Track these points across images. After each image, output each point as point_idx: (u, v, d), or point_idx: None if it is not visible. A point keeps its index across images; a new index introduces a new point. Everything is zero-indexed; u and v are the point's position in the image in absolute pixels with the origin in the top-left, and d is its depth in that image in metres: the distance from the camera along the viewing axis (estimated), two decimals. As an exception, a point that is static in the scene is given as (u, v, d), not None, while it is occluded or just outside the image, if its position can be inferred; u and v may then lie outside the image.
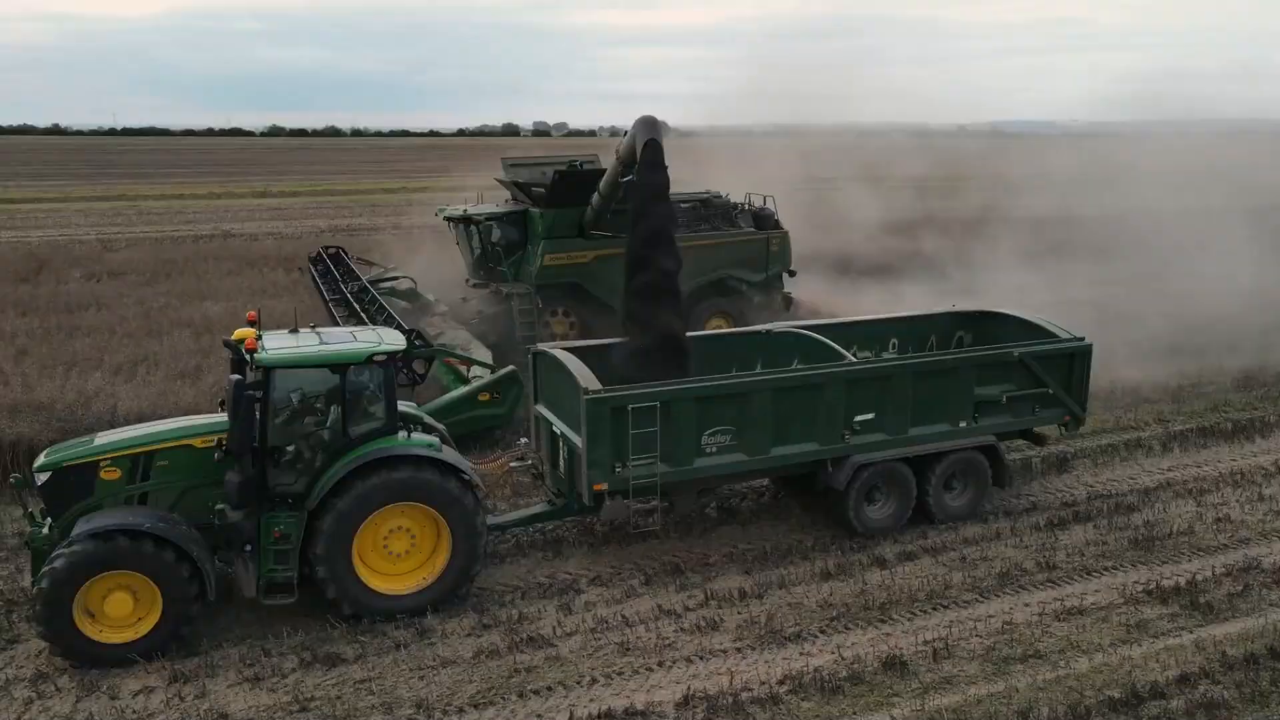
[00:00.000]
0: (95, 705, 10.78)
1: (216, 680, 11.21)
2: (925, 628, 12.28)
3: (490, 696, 10.92)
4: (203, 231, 47.98)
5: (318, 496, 11.94)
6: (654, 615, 12.62)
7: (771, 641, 12.00)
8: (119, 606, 11.32)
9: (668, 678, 11.27)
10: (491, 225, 24.71)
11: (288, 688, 11.03)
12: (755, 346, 16.52)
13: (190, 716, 10.57)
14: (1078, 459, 18.03)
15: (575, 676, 11.27)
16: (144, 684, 11.12)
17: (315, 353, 12.21)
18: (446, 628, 12.30)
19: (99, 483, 11.96)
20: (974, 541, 14.70)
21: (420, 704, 10.76)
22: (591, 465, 13.32)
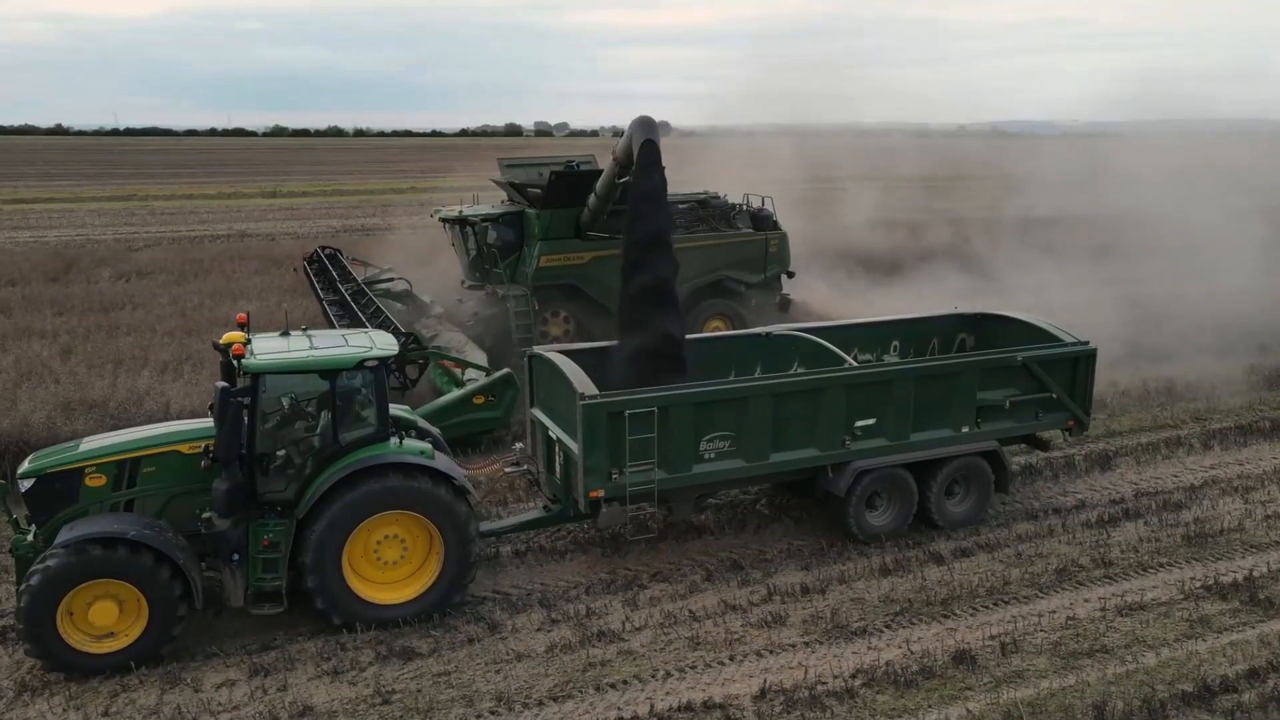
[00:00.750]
0: (180, 697, 10.87)
1: (296, 673, 11.31)
2: (989, 623, 12.43)
3: (567, 690, 11.02)
4: (218, 232, 48.02)
5: (307, 504, 11.69)
6: (719, 610, 12.75)
7: (838, 636, 12.15)
8: (104, 615, 11.06)
9: (740, 671, 11.38)
10: (487, 226, 24.48)
11: (367, 681, 11.14)
12: (754, 349, 16.30)
13: (275, 709, 10.63)
14: (1119, 456, 18.16)
15: (649, 670, 11.39)
16: (225, 677, 11.23)
17: (304, 358, 11.93)
18: (516, 622, 12.45)
19: (84, 489, 11.70)
20: (1027, 538, 14.81)
21: (500, 697, 10.88)
22: (588, 472, 13.08)
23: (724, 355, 16.11)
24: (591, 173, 23.75)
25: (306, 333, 13.02)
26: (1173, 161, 34.21)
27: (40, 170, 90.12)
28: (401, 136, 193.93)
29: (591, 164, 25.67)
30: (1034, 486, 16.89)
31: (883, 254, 34.60)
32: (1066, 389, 15.55)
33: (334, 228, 48.08)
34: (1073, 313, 23.45)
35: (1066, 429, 16.00)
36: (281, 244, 41.56)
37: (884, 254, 34.62)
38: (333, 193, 70.69)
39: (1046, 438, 16.37)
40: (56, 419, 17.57)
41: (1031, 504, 16.13)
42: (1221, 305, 25.85)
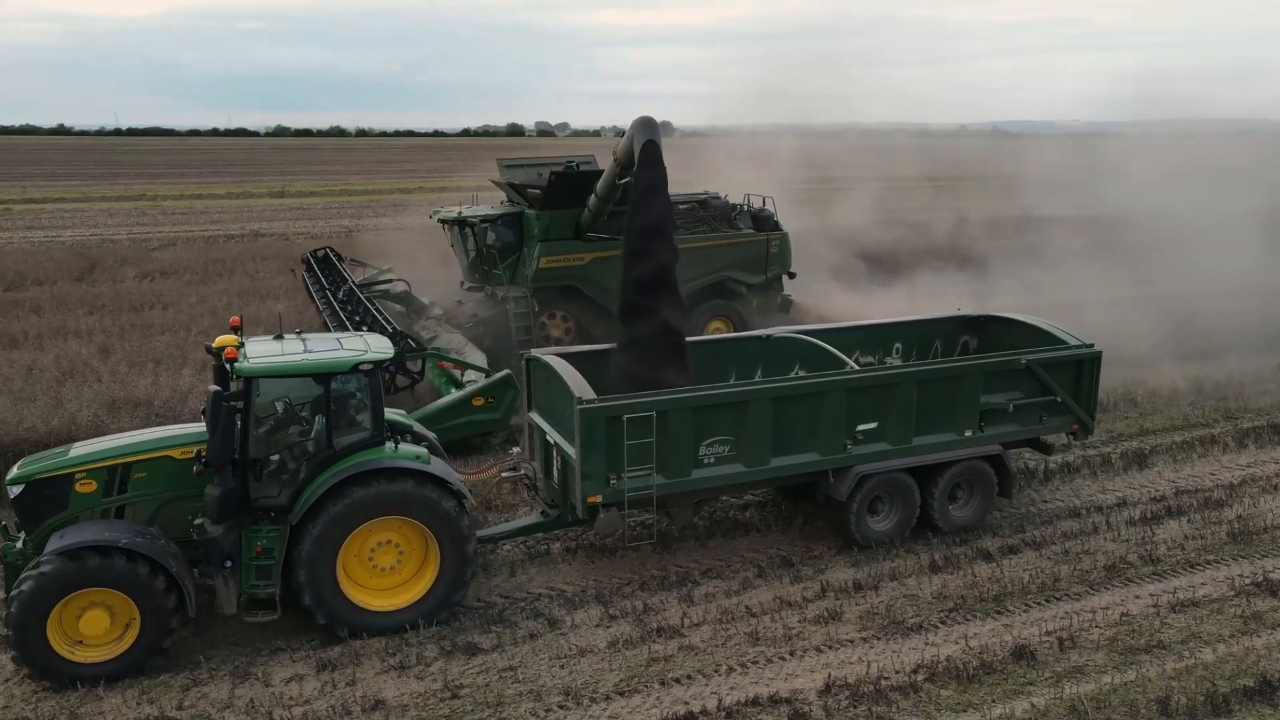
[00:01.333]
0: (251, 691, 10.96)
1: (363, 668, 11.38)
2: (1043, 619, 12.47)
3: (633, 685, 11.09)
4: (232, 231, 48.04)
5: (301, 510, 11.52)
6: (775, 606, 12.84)
7: (895, 632, 12.23)
8: (95, 625, 10.89)
9: (801, 666, 11.48)
10: (487, 228, 24.32)
11: (434, 675, 11.22)
12: (755, 351, 16.12)
13: (347, 703, 10.71)
14: (1155, 455, 18.27)
15: (712, 665, 11.45)
16: (294, 672, 11.33)
17: (298, 362, 11.76)
18: (575, 618, 12.54)
19: (74, 495, 11.55)
20: (1073, 535, 14.89)
21: (567, 691, 10.96)
22: (586, 477, 12.90)
23: (724, 358, 15.92)
24: (591, 173, 23.60)
25: (301, 336, 12.85)
26: (1178, 161, 34.13)
27: (46, 170, 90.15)
28: (404, 136, 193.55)
29: (591, 164, 25.51)
30: (1074, 484, 16.98)
31: (895, 254, 34.59)
32: (1071, 392, 15.35)
33: (346, 227, 48.05)
34: (1091, 312, 24.26)
35: (1071, 433, 15.80)
36: (297, 244, 41.43)
37: (896, 254, 34.60)
38: (340, 192, 70.64)
39: (1050, 442, 16.18)
40: (103, 417, 17.72)
41: (1073, 502, 16.22)
42: (1242, 303, 26.01)
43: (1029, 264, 31.40)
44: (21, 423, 17.42)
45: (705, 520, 15.34)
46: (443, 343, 21.95)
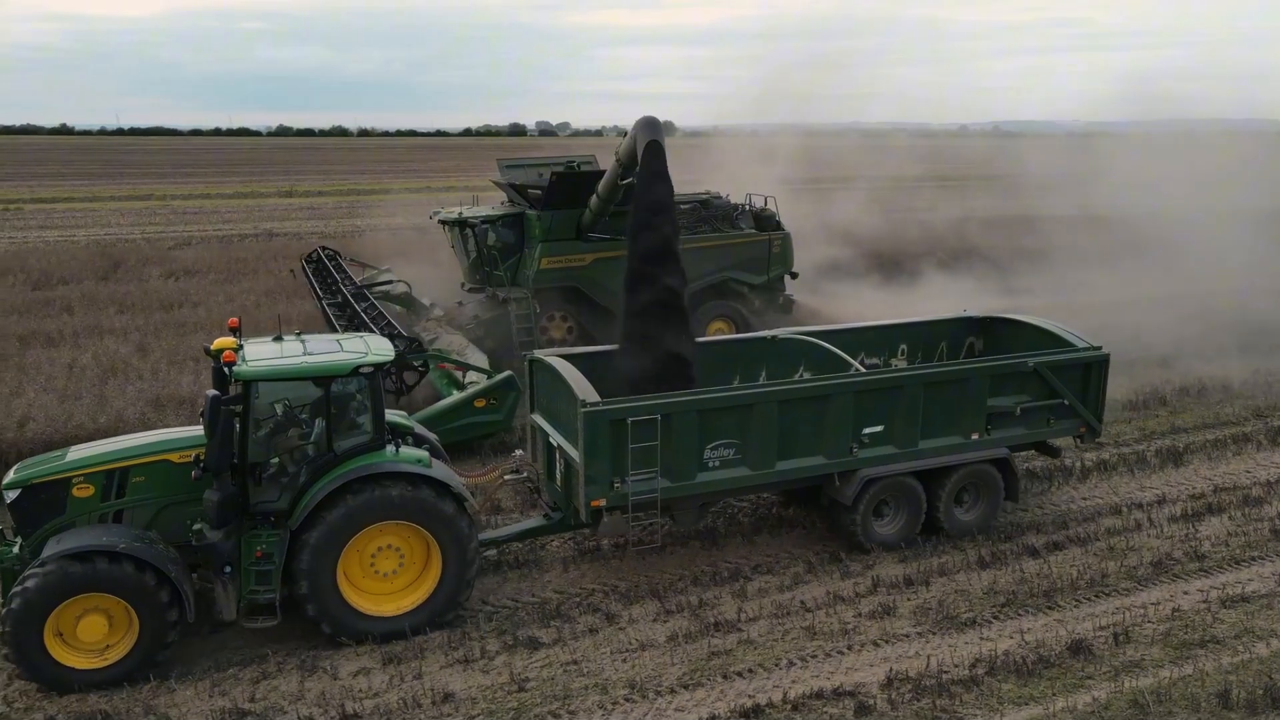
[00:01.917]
0: (320, 684, 11.07)
1: (428, 662, 11.48)
2: (1095, 614, 12.55)
3: (696, 678, 11.15)
4: (245, 231, 47.98)
5: (301, 515, 11.37)
6: (828, 601, 12.92)
7: (950, 626, 12.30)
8: (93, 630, 10.77)
9: (860, 660, 11.57)
10: (487, 229, 24.17)
11: (499, 669, 11.33)
12: (759, 353, 15.97)
13: (416, 695, 10.78)
14: (1189, 453, 18.35)
15: (772, 659, 11.52)
16: (360, 665, 11.43)
17: (297, 365, 11.61)
18: (632, 613, 12.64)
19: (71, 500, 11.40)
20: (1116, 532, 14.96)
21: (632, 684, 11.02)
22: (589, 480, 12.75)
23: (728, 359, 15.78)
24: (592, 174, 23.46)
25: (300, 337, 12.70)
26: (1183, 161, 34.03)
27: (51, 170, 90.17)
28: (406, 136, 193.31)
29: (592, 164, 25.38)
30: (1111, 482, 17.09)
31: (903, 254, 34.56)
32: (1079, 395, 15.21)
33: (358, 227, 47.95)
34: (1113, 312, 24.70)
35: (1078, 436, 15.65)
36: (310, 243, 40.83)
37: (904, 254, 34.57)
38: (349, 192, 70.52)
39: (1057, 445, 16.03)
40: (149, 414, 17.86)
41: (1112, 499, 16.31)
42: (1263, 301, 26.15)
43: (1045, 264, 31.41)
44: (70, 419, 17.59)
45: (750, 517, 15.43)
46: (444, 344, 21.81)
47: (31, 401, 18.62)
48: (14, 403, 18.62)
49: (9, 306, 27.96)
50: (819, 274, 29.65)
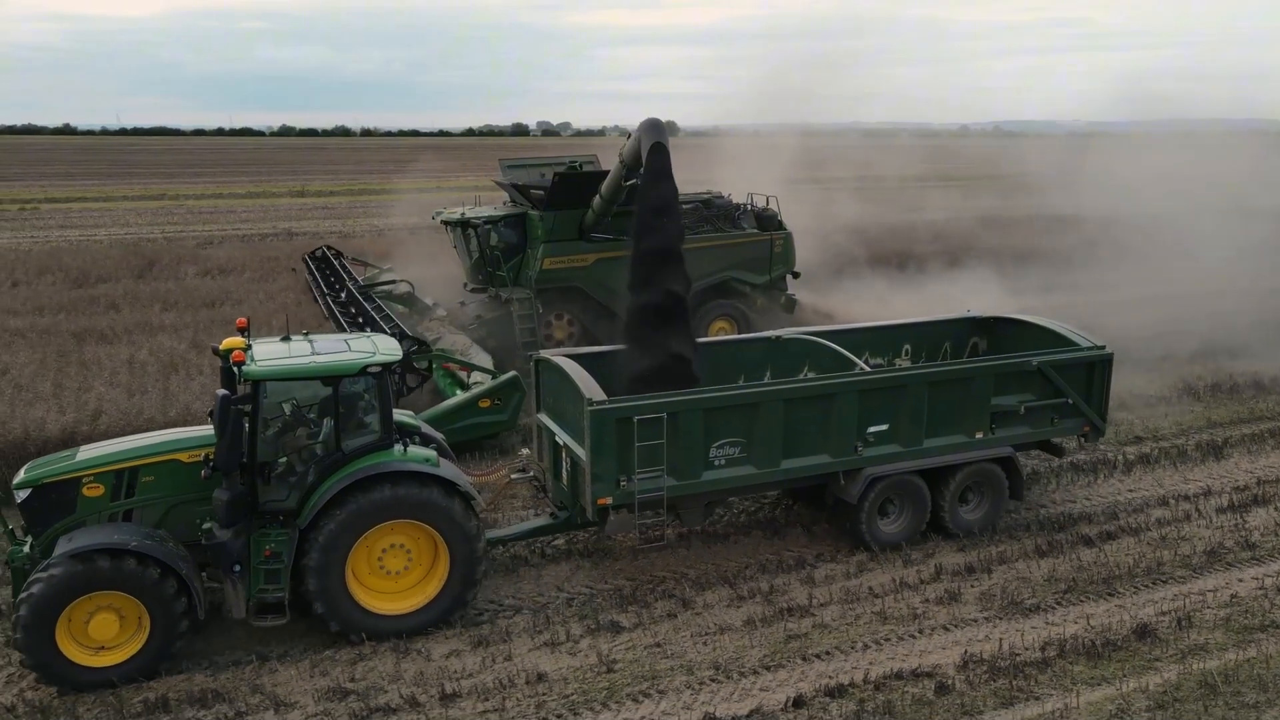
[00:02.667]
0: (415, 665, 11.41)
1: (515, 644, 11.88)
2: (1154, 600, 12.92)
3: (777, 660, 11.51)
4: (264, 230, 48.17)
5: (310, 514, 11.42)
6: (895, 588, 13.27)
7: (1015, 612, 12.66)
8: (104, 628, 10.81)
9: (933, 643, 11.90)
10: (490, 229, 24.22)
11: (585, 651, 11.71)
12: (764, 353, 16.02)
13: (511, 675, 11.16)
14: (1229, 447, 18.70)
15: (848, 642, 11.89)
16: (451, 648, 11.78)
17: (306, 364, 11.64)
18: (705, 598, 13.00)
19: (81, 499, 11.44)
20: (1166, 523, 15.34)
21: (716, 665, 11.37)
22: (595, 479, 12.81)
23: (733, 359, 15.83)
24: (595, 174, 23.51)
25: (308, 337, 12.73)
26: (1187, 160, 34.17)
27: (59, 170, 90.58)
28: (409, 136, 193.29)
29: (594, 165, 25.43)
30: (1155, 474, 17.46)
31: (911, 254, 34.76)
32: (1083, 394, 15.26)
33: (376, 226, 48.08)
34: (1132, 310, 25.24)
35: (1082, 435, 15.71)
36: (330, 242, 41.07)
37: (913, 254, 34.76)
38: (359, 192, 70.64)
39: (1061, 444, 16.10)
40: None
41: (1158, 491, 16.69)
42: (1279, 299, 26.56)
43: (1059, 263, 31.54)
44: (140, 413, 17.79)
45: (809, 508, 15.58)
46: (447, 344, 21.87)
47: (101, 396, 18.96)
48: (83, 396, 19.00)
49: (56, 304, 28.49)
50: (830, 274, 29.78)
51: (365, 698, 10.75)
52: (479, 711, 10.56)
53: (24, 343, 23.64)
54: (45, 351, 22.70)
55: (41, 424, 17.19)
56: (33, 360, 21.80)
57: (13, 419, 17.39)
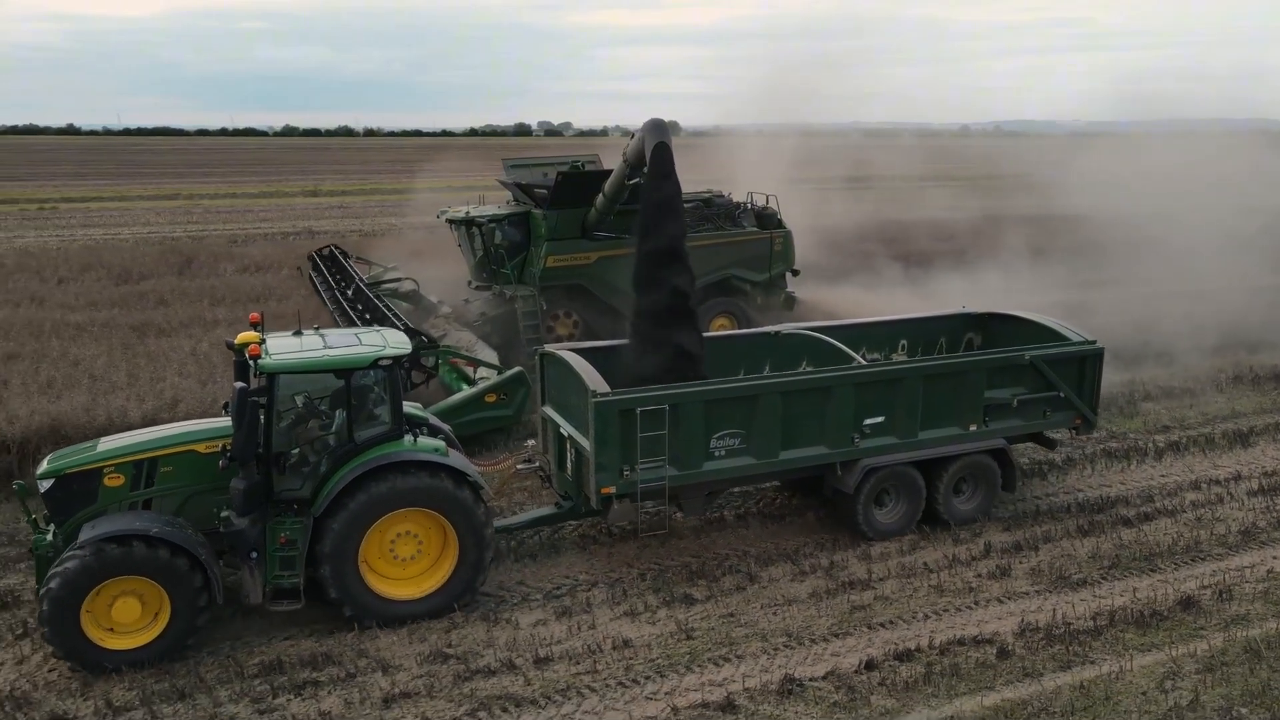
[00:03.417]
0: (505, 633, 12.18)
1: (597, 614, 12.63)
2: (1194, 575, 13.64)
3: (844, 629, 12.30)
4: (285, 229, 48.52)
5: (324, 502, 11.81)
6: (947, 563, 14.02)
7: (1064, 586, 13.39)
8: (127, 612, 11.19)
9: (989, 614, 12.65)
10: (494, 227, 24.59)
11: (664, 621, 12.46)
12: (763, 348, 16.40)
13: (598, 641, 11.95)
14: (1254, 435, 19.46)
15: (908, 612, 12.65)
16: (537, 617, 12.58)
17: (320, 357, 12.04)
18: (770, 573, 13.71)
19: (102, 489, 11.82)
20: (1201, 505, 16.09)
21: (788, 633, 12.15)
22: (599, 469, 13.20)
23: (733, 354, 16.21)
24: (597, 173, 23.87)
25: (319, 332, 13.13)
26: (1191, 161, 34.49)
27: (68, 170, 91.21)
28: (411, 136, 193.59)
29: (596, 164, 25.78)
30: (1185, 460, 18.22)
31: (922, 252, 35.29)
32: (1074, 388, 15.63)
33: (394, 224, 48.29)
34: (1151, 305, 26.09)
35: (1074, 427, 16.09)
36: (352, 240, 41.23)
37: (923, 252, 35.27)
38: (371, 191, 70.91)
39: (1054, 437, 16.47)
40: None
41: (1189, 476, 17.39)
42: None
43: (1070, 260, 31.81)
44: (216, 401, 18.08)
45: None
46: (453, 341, 22.22)
47: (175, 385, 19.56)
48: (157, 386, 19.63)
49: (107, 300, 29.08)
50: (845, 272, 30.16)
51: (464, 661, 11.49)
52: (573, 673, 11.33)
53: (88, 336, 24.31)
54: (109, 344, 23.36)
55: (123, 412, 17.79)
56: (100, 352, 22.47)
57: (95, 407, 18.03)
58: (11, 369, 20.97)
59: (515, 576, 13.79)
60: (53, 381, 19.96)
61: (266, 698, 10.79)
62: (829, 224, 34.70)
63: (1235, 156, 36.74)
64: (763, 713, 10.57)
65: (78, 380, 20.05)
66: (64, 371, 20.71)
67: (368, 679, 11.13)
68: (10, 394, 19.09)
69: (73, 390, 19.23)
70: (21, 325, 25.15)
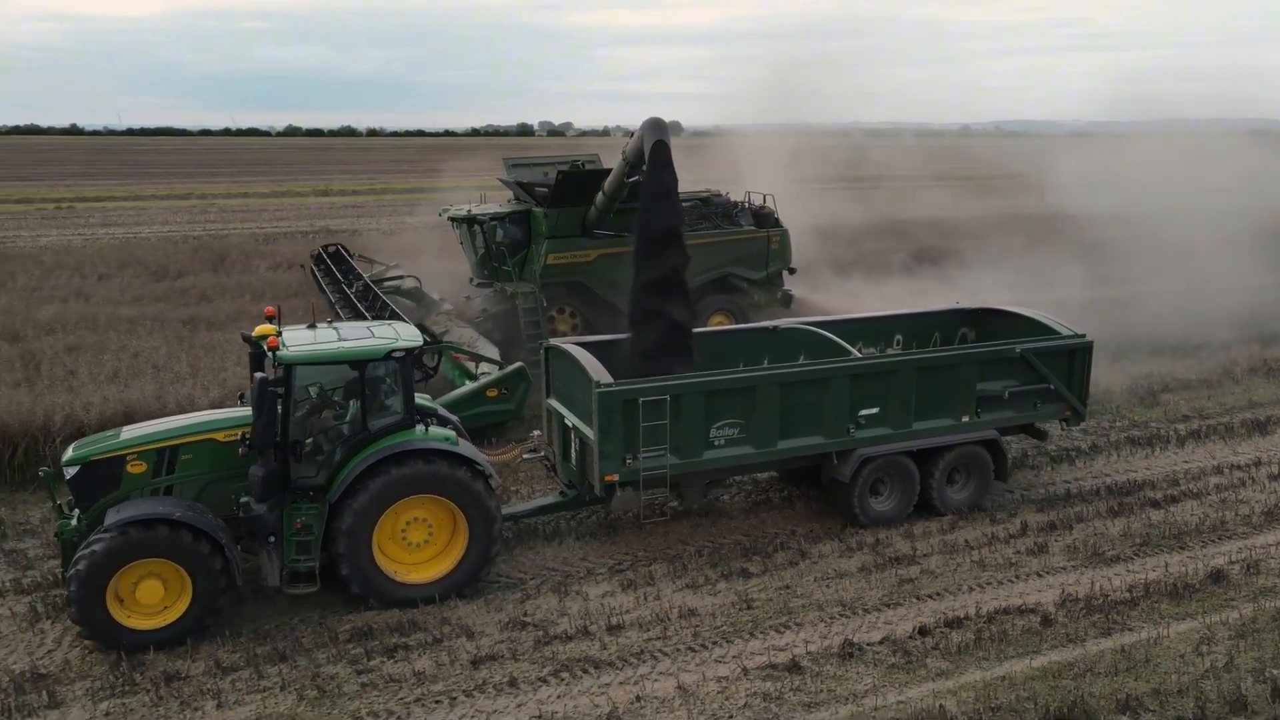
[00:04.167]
0: (576, 604, 12.95)
1: (660, 587, 13.38)
2: (1222, 552, 14.44)
3: (894, 599, 13.07)
4: (303, 228, 48.81)
5: (339, 489, 12.24)
6: (987, 540, 14.79)
7: (1098, 562, 14.17)
8: (150, 594, 11.61)
9: (1030, 587, 13.45)
10: (496, 225, 24.97)
11: (725, 592, 13.23)
12: (762, 342, 16.82)
13: (664, 610, 12.71)
14: (1271, 424, 20.27)
15: (953, 585, 13.44)
16: (604, 589, 13.36)
17: (335, 349, 12.50)
18: (820, 549, 14.52)
19: (126, 476, 12.24)
20: (1224, 488, 16.92)
21: (842, 603, 12.94)
22: (603, 457, 13.65)
23: (732, 348, 16.60)
24: (597, 172, 24.26)
25: (333, 325, 13.57)
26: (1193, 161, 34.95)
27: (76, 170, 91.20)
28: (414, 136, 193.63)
29: (596, 163, 26.17)
30: (1207, 448, 19.00)
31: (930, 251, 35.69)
32: (1064, 380, 16.08)
33: (412, 224, 48.15)
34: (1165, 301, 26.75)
35: (1064, 419, 16.54)
36: (371, 239, 41.84)
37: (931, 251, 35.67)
38: (381, 190, 71.18)
39: (1044, 429, 16.93)
40: None
41: (1211, 461, 18.21)
42: None
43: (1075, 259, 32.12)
44: None
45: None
46: (454, 337, 22.62)
47: (238, 375, 19.96)
48: (220, 376, 20.20)
49: (149, 296, 29.57)
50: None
51: (542, 628, 12.29)
52: (644, 639, 12.11)
53: (142, 329, 24.85)
54: (165, 337, 23.99)
55: (191, 400, 18.29)
56: (158, 344, 23.11)
57: (165, 395, 18.60)
58: (77, 360, 21.62)
59: (578, 553, 14.53)
60: (118, 371, 20.64)
61: (361, 659, 11.59)
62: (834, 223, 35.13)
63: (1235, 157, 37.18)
64: (827, 673, 11.38)
65: (141, 370, 20.76)
66: (126, 362, 21.38)
67: (454, 643, 11.92)
68: (80, 383, 19.79)
69: (139, 379, 19.91)
70: (75, 319, 25.71)
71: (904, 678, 11.27)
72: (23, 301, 28.07)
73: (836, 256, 33.00)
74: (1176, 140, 39.54)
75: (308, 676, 11.21)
